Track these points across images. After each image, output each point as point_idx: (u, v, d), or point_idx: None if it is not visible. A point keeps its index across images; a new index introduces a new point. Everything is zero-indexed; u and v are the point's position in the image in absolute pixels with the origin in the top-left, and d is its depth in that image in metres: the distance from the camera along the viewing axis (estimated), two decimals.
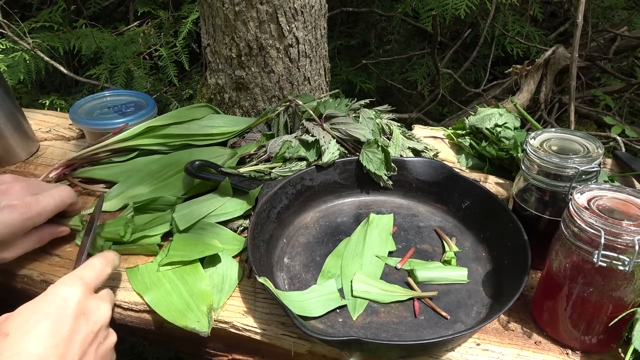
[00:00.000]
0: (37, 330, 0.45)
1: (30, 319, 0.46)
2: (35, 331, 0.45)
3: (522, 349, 0.58)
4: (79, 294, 0.49)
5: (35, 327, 0.45)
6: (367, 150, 0.78)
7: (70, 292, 0.49)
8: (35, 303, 0.48)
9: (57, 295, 0.48)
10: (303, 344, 0.59)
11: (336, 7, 1.82)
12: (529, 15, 1.81)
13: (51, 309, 0.47)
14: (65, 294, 0.48)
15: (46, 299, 0.48)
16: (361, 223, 0.75)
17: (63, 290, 0.49)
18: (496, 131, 0.90)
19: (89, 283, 0.51)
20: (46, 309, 0.47)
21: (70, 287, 0.49)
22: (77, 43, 1.69)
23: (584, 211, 0.51)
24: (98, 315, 0.50)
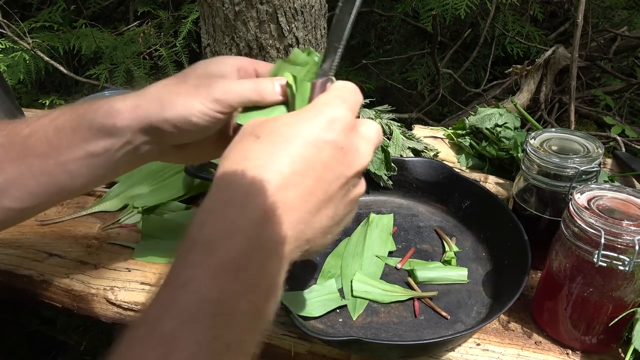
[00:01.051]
0: (290, 148, 0.37)
1: (287, 131, 0.38)
2: (289, 148, 0.37)
3: (522, 349, 0.58)
4: (346, 121, 0.39)
5: (290, 143, 0.37)
6: None
7: (338, 115, 0.39)
8: (299, 114, 0.40)
9: (323, 114, 0.39)
10: (303, 344, 0.59)
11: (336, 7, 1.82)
12: (529, 15, 1.81)
13: (312, 126, 0.38)
14: (332, 116, 0.39)
15: (309, 114, 0.40)
16: (361, 223, 0.75)
17: (330, 111, 0.39)
18: (496, 131, 0.90)
19: (353, 109, 0.41)
20: (307, 126, 0.38)
21: (338, 109, 0.40)
22: (77, 43, 1.69)
23: (584, 211, 0.51)
24: (357, 158, 0.41)
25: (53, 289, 0.67)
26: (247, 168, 0.36)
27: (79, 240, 0.73)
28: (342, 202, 0.41)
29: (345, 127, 0.39)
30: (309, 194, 0.37)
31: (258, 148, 0.38)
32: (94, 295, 0.65)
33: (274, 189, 0.36)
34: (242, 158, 0.37)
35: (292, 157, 0.37)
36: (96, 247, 0.72)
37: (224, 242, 0.34)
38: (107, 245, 0.72)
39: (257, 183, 0.36)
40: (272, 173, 0.36)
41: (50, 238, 0.73)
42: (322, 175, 0.38)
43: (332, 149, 0.38)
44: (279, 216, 0.36)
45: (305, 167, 0.37)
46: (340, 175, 0.39)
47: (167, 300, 0.32)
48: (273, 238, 0.35)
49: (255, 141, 0.38)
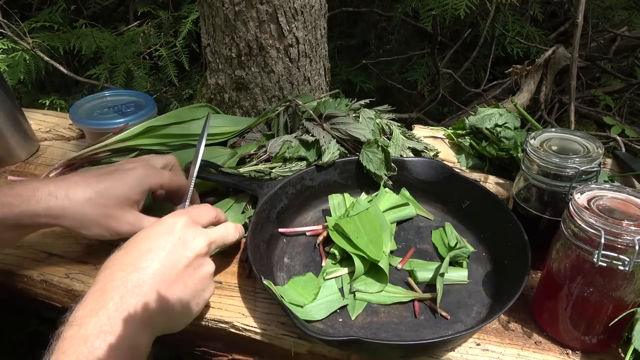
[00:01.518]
0: (142, 247, 0.53)
1: (140, 237, 0.55)
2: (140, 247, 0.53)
3: (522, 349, 0.58)
4: (182, 222, 0.56)
5: (142, 244, 0.54)
6: (367, 150, 0.78)
7: (175, 220, 0.56)
8: (151, 226, 0.56)
9: (165, 222, 0.56)
10: (303, 344, 0.59)
11: (336, 7, 1.82)
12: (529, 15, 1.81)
13: (157, 231, 0.55)
14: (171, 221, 0.56)
15: (157, 225, 0.56)
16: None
17: (170, 219, 0.57)
18: (496, 131, 0.90)
19: (192, 216, 0.58)
20: (154, 231, 0.55)
21: (175, 216, 0.57)
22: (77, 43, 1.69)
23: (584, 211, 0.51)
24: (194, 244, 0.55)
25: (53, 289, 0.67)
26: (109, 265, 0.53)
27: (79, 240, 0.73)
28: (190, 278, 0.54)
29: (182, 227, 0.56)
30: (157, 273, 0.51)
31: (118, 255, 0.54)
32: None
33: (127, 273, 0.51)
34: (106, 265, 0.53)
35: (139, 251, 0.53)
36: (96, 247, 0.72)
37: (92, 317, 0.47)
38: (107, 245, 0.72)
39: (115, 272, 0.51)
40: (124, 264, 0.52)
41: (50, 238, 0.73)
42: (167, 259, 0.53)
43: (171, 241, 0.54)
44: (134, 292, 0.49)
45: (149, 254, 0.52)
46: (181, 257, 0.54)
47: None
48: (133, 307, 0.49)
49: (118, 251, 0.54)
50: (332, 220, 0.70)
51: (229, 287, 0.66)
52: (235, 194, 0.81)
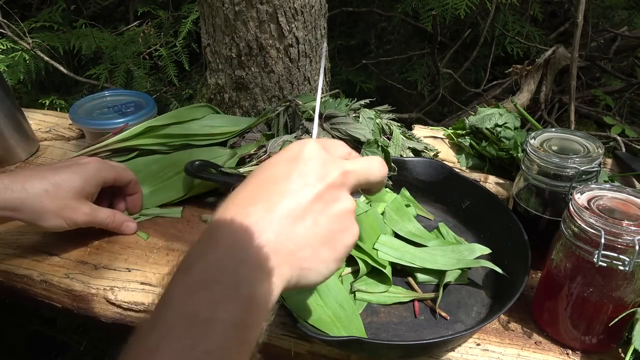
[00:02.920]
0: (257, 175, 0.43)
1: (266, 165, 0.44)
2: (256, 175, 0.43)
3: (522, 349, 0.58)
4: (310, 150, 0.44)
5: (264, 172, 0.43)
6: (367, 150, 0.78)
7: (303, 147, 0.44)
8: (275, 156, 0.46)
9: (292, 149, 0.45)
10: (303, 344, 0.59)
11: (336, 7, 1.82)
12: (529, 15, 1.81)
13: (285, 157, 0.44)
14: (298, 146, 0.45)
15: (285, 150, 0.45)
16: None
17: (296, 146, 0.45)
18: (496, 131, 0.90)
19: (324, 143, 0.46)
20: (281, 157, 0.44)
21: (305, 143, 0.45)
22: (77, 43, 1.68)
23: (584, 211, 0.51)
24: (324, 171, 0.43)
25: (53, 289, 0.67)
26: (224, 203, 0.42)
27: (79, 240, 0.73)
28: (321, 214, 0.42)
29: (310, 151, 0.44)
30: (278, 207, 0.40)
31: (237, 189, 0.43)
32: (94, 295, 0.65)
33: (242, 209, 0.40)
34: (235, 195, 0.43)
35: (258, 182, 0.43)
36: (96, 247, 0.72)
37: (197, 261, 0.38)
38: (107, 245, 0.72)
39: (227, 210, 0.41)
40: (239, 198, 0.42)
41: (50, 238, 0.73)
42: (287, 189, 0.41)
43: (294, 167, 0.42)
44: (249, 230, 0.39)
45: (269, 186, 0.42)
46: (309, 187, 0.42)
47: (154, 317, 0.35)
48: (244, 249, 0.38)
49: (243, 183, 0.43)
50: None
51: None
52: None
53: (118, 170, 0.72)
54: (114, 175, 0.71)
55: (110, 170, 0.71)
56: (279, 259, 0.39)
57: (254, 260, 0.38)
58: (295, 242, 0.40)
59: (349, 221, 0.44)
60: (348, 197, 0.44)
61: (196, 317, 0.34)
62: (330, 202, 0.43)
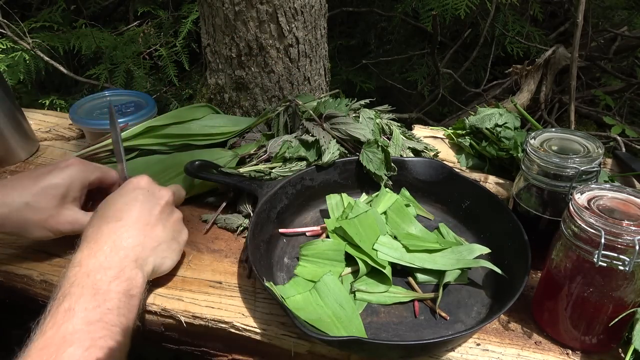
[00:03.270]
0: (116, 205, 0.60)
1: (112, 199, 0.61)
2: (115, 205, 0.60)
3: (522, 349, 0.58)
4: (145, 180, 0.63)
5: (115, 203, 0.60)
6: (367, 150, 0.78)
7: (139, 179, 0.63)
8: (117, 191, 0.62)
9: (130, 183, 0.63)
10: (303, 344, 0.59)
11: (336, 7, 1.82)
12: (529, 15, 1.81)
13: (126, 190, 0.62)
14: (136, 181, 0.63)
15: (123, 187, 0.63)
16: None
17: (133, 180, 0.63)
18: (496, 131, 0.90)
19: (151, 179, 0.65)
20: (123, 191, 0.62)
21: (138, 178, 0.64)
22: (77, 43, 1.69)
23: (584, 211, 0.51)
24: (161, 194, 0.63)
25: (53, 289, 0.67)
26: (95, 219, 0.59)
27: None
28: (166, 222, 0.62)
29: (146, 183, 0.63)
30: (137, 219, 0.59)
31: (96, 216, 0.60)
32: None
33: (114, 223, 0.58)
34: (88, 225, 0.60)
35: (118, 205, 0.60)
36: None
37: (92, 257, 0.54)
38: None
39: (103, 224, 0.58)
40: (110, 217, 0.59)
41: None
42: (142, 207, 0.60)
43: (142, 193, 0.61)
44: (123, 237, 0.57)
45: (128, 207, 0.60)
46: (155, 205, 0.62)
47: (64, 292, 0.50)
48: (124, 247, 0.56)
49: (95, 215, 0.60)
50: (330, 222, 0.70)
51: (229, 287, 0.66)
52: (235, 194, 0.81)
53: (103, 170, 0.70)
54: (99, 175, 0.69)
55: (94, 171, 0.68)
56: (147, 252, 0.58)
57: (131, 254, 0.56)
58: (155, 241, 0.60)
59: (182, 225, 0.66)
60: (177, 210, 0.66)
61: (98, 289, 0.51)
62: (170, 214, 0.63)
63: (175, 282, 0.66)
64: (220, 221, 0.77)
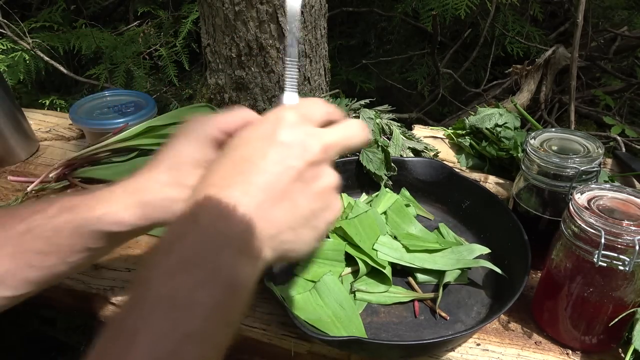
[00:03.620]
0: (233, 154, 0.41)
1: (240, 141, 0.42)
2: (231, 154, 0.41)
3: (522, 349, 0.58)
4: (286, 121, 0.41)
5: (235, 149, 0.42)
6: (367, 150, 0.78)
7: (280, 116, 0.42)
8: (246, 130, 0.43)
9: (266, 120, 0.43)
10: (303, 344, 0.59)
11: (336, 7, 1.82)
12: (529, 15, 1.81)
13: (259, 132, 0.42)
14: (275, 118, 0.42)
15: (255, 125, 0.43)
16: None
17: (272, 116, 0.43)
18: (496, 131, 0.90)
19: (302, 111, 0.43)
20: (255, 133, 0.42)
21: (280, 112, 0.42)
22: (77, 43, 1.69)
23: (584, 211, 0.51)
24: (303, 148, 0.41)
25: (53, 289, 0.66)
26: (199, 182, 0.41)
27: None
28: (302, 194, 0.40)
29: (288, 125, 0.41)
30: (256, 189, 0.39)
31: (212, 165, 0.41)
32: (94, 295, 0.65)
33: (219, 190, 0.38)
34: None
35: (234, 160, 0.40)
36: None
37: (178, 242, 0.37)
38: None
39: (204, 190, 0.39)
40: (215, 178, 0.40)
41: None
42: (265, 169, 0.39)
43: (272, 144, 0.40)
44: (227, 214, 0.37)
45: (246, 165, 0.40)
46: (288, 166, 0.40)
47: (132, 300, 0.35)
48: (225, 232, 0.37)
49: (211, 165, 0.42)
50: None
51: None
52: None
53: (220, 120, 0.51)
54: (219, 126, 0.50)
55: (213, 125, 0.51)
56: (260, 243, 0.38)
57: (234, 244, 0.37)
58: (275, 226, 0.39)
59: (331, 197, 0.43)
60: (329, 172, 0.43)
61: (176, 300, 0.34)
62: (311, 181, 0.41)
63: None
64: None
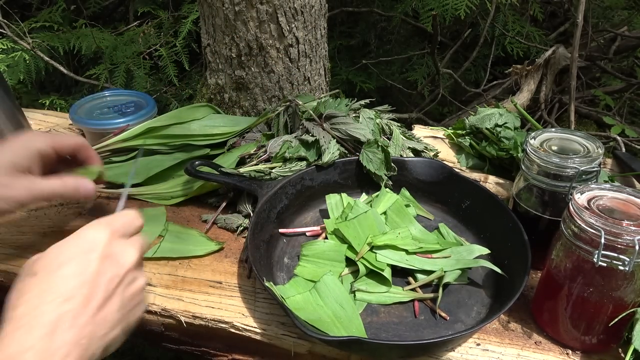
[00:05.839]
0: (64, 271, 0.44)
1: (57, 260, 0.45)
2: (62, 272, 0.44)
3: (522, 349, 0.58)
4: (105, 237, 0.47)
5: (62, 268, 0.44)
6: (367, 150, 0.78)
7: (97, 235, 0.47)
8: (64, 244, 0.47)
9: (84, 238, 0.47)
10: (303, 344, 0.59)
11: (336, 7, 1.82)
12: (529, 15, 1.81)
13: (78, 250, 0.46)
14: (92, 237, 0.47)
15: (74, 241, 0.47)
16: None
17: (90, 234, 0.48)
18: (496, 131, 0.90)
19: (116, 229, 0.49)
20: (73, 250, 0.46)
21: (96, 230, 0.48)
22: (77, 43, 1.69)
23: (584, 211, 0.51)
24: (124, 258, 0.47)
25: None
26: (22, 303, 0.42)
27: None
28: (124, 295, 0.47)
29: (107, 239, 0.47)
30: (88, 299, 0.43)
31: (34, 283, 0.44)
32: None
33: (54, 308, 0.42)
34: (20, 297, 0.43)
35: (66, 279, 0.44)
36: None
37: None
38: None
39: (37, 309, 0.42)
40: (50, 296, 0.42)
41: (50, 238, 0.73)
42: (95, 281, 0.44)
43: (98, 259, 0.45)
44: (65, 326, 0.41)
45: (79, 280, 0.44)
46: (113, 276, 0.46)
47: None
48: (62, 345, 0.41)
49: (32, 279, 0.44)
50: (329, 223, 0.70)
51: (229, 287, 0.66)
52: (235, 194, 0.81)
53: (55, 137, 0.62)
54: (50, 142, 0.61)
55: (44, 139, 0.61)
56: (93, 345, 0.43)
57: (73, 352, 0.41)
58: (106, 327, 0.45)
59: (143, 294, 0.50)
60: (142, 275, 0.50)
61: None
62: (130, 284, 0.48)
63: (175, 282, 0.66)
64: (220, 221, 0.77)
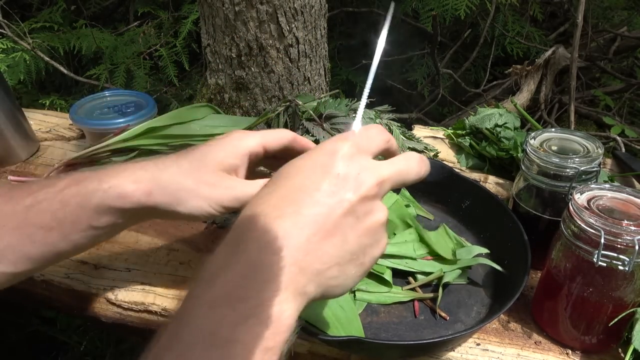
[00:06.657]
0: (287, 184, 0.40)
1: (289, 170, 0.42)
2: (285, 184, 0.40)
3: (522, 349, 0.58)
4: (343, 152, 0.41)
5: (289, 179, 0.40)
6: None
7: (337, 147, 0.42)
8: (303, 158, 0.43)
9: (322, 149, 0.42)
10: (303, 344, 0.59)
11: (336, 7, 1.82)
12: (529, 15, 1.81)
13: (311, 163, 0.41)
14: (332, 148, 0.42)
15: (312, 154, 0.43)
16: None
17: (329, 145, 0.43)
18: (496, 131, 0.90)
19: (359, 142, 0.43)
20: (306, 163, 0.42)
21: (336, 143, 0.42)
22: (77, 43, 1.69)
23: (584, 211, 0.51)
24: (358, 181, 0.40)
25: (53, 289, 0.67)
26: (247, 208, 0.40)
27: None
28: (352, 230, 0.39)
29: (344, 156, 0.41)
30: (307, 222, 0.38)
31: (263, 192, 0.41)
32: (94, 295, 0.65)
33: (269, 220, 0.37)
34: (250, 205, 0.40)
35: (286, 189, 0.39)
36: (96, 247, 0.72)
37: (221, 275, 0.35)
38: (107, 245, 0.73)
39: (253, 218, 0.38)
40: (265, 207, 0.39)
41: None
42: (318, 201, 0.38)
43: (327, 175, 0.39)
44: (276, 246, 0.36)
45: (298, 195, 0.39)
46: (341, 200, 0.39)
47: (170, 333, 0.34)
48: (271, 265, 0.36)
49: (265, 188, 0.41)
50: None
51: None
52: None
53: (266, 135, 0.54)
54: (261, 141, 0.54)
55: (256, 137, 0.54)
56: (305, 279, 0.37)
57: (279, 279, 0.35)
58: (323, 261, 0.38)
59: (380, 234, 0.42)
60: (381, 209, 0.41)
61: (216, 336, 0.33)
62: (363, 216, 0.40)
63: (176, 282, 0.66)
64: (220, 221, 0.77)
